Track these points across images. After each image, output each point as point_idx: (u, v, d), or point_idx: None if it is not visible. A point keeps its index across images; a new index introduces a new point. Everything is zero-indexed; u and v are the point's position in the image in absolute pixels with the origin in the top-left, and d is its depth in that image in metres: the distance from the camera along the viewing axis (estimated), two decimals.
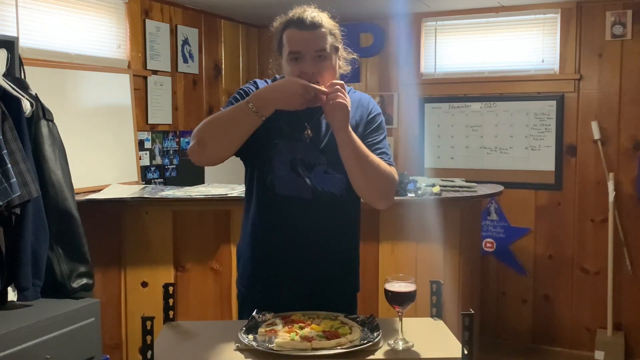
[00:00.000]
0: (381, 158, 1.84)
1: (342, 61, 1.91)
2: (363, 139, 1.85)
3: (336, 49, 1.85)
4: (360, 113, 1.91)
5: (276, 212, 1.78)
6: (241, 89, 1.90)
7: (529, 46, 4.27)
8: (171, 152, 4.09)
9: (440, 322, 1.79)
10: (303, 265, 1.88)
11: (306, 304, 1.79)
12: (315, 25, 1.78)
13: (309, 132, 1.86)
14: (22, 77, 2.33)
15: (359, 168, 1.78)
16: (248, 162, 1.92)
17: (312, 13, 1.81)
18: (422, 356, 1.53)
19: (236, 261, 2.04)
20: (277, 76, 1.93)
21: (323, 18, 1.82)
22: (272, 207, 1.84)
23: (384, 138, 1.91)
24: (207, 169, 4.24)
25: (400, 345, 1.56)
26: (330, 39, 1.81)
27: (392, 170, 1.85)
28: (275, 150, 1.83)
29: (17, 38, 2.35)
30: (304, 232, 1.85)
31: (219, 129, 1.75)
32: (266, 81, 1.96)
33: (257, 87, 1.89)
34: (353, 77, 4.65)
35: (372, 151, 1.84)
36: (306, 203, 1.84)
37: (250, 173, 1.94)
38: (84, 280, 2.25)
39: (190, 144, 1.79)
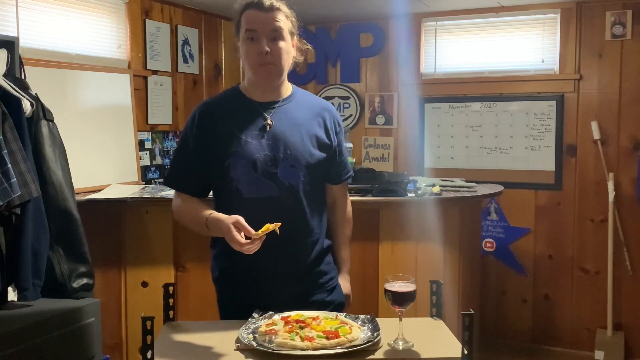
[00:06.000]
0: (347, 180, 2.08)
1: (296, 50, 1.96)
2: (335, 150, 1.98)
3: (292, 35, 1.91)
4: (326, 117, 1.98)
5: (246, 215, 1.75)
6: (186, 128, 1.96)
7: (528, 46, 4.27)
8: (171, 152, 4.08)
9: (440, 322, 1.79)
10: (280, 262, 1.89)
11: (290, 304, 1.80)
12: (273, 8, 1.85)
13: (269, 121, 1.89)
14: (23, 77, 2.32)
15: None
16: (211, 179, 1.96)
17: None
18: (422, 356, 1.54)
19: (211, 269, 2.04)
20: (237, 86, 2.02)
21: (282, 5, 1.88)
22: (241, 210, 1.81)
23: (345, 149, 2.08)
24: None
25: (400, 345, 1.57)
26: (287, 23, 1.88)
27: (350, 216, 2.14)
28: (233, 159, 1.86)
29: (17, 38, 2.34)
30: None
31: (187, 226, 2.00)
32: (209, 100, 2.04)
33: (197, 122, 1.92)
34: (353, 77, 4.71)
35: (342, 173, 2.04)
36: (274, 201, 1.87)
37: (216, 184, 1.96)
38: (84, 280, 2.25)
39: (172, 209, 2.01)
